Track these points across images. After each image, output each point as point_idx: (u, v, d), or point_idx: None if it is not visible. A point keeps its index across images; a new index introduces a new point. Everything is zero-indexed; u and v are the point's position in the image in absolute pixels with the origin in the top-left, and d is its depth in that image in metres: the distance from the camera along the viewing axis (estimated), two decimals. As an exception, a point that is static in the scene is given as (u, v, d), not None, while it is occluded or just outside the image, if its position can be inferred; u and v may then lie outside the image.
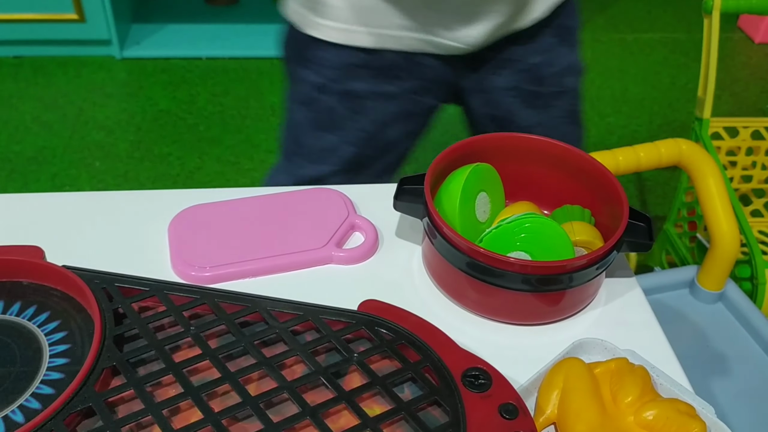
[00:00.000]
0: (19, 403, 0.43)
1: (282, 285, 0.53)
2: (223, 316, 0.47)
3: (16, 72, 2.00)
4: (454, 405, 0.42)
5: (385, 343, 0.46)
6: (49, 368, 0.45)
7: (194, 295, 0.48)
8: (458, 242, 0.51)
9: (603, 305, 0.55)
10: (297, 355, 0.45)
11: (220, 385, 0.43)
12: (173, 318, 0.47)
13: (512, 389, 0.43)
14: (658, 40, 2.33)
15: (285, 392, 0.43)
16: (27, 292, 0.49)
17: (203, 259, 0.55)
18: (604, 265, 0.52)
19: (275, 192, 0.62)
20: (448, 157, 0.58)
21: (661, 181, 1.73)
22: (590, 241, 0.54)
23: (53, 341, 0.46)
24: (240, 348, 0.46)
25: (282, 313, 0.47)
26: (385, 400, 0.43)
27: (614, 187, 0.54)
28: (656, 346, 0.52)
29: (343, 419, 0.42)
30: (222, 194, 0.62)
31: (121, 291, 0.48)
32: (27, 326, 0.47)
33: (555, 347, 0.49)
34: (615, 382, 0.46)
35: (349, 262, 0.56)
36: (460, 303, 0.54)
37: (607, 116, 1.96)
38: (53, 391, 0.43)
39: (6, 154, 1.73)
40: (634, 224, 0.53)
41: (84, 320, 0.48)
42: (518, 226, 0.52)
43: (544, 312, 0.53)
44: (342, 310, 0.48)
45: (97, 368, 0.43)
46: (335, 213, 0.59)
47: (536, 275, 0.50)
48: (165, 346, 0.45)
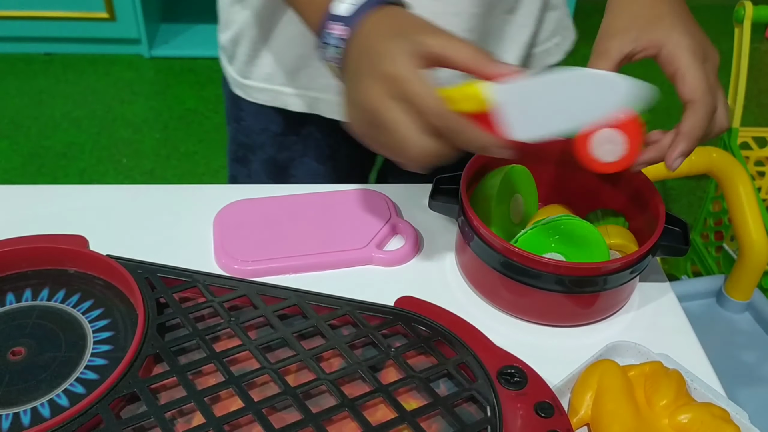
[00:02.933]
0: (64, 387, 0.44)
1: (321, 283, 0.54)
2: (263, 308, 0.48)
3: (46, 69, 2.04)
4: (490, 401, 0.42)
5: (421, 338, 0.46)
6: (93, 354, 0.46)
7: (234, 287, 0.49)
8: (494, 242, 0.51)
9: (636, 309, 0.55)
10: (335, 349, 0.46)
11: (259, 376, 0.44)
12: (213, 309, 0.48)
13: (548, 388, 0.43)
14: (684, 49, 2.32)
15: (323, 384, 0.43)
16: (71, 280, 0.51)
17: (246, 253, 0.56)
18: (639, 268, 0.52)
19: (319, 191, 0.63)
20: (483, 157, 0.58)
21: (686, 190, 1.72)
22: (625, 244, 0.54)
23: (97, 328, 0.48)
24: (279, 340, 0.46)
25: (320, 307, 0.48)
26: (421, 395, 0.44)
27: (650, 190, 0.55)
28: (690, 350, 0.52)
29: (380, 412, 0.43)
30: (267, 190, 0.63)
31: (163, 281, 0.49)
32: (72, 313, 0.48)
33: (588, 349, 0.50)
34: (649, 385, 0.46)
35: (389, 264, 0.57)
36: (494, 303, 0.55)
37: (632, 124, 1.95)
38: (97, 376, 0.44)
39: (36, 149, 1.76)
40: (670, 229, 0.53)
41: (126, 309, 0.49)
42: (554, 227, 0.52)
43: (577, 314, 0.53)
44: (379, 305, 0.48)
45: (141, 355, 0.44)
46: (377, 214, 0.60)
47: (570, 276, 0.50)
48: (206, 336, 0.46)
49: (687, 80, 0.49)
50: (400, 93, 0.44)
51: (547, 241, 0.52)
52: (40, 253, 0.51)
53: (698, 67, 0.49)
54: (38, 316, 0.48)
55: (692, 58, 0.49)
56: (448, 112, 0.44)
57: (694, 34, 0.51)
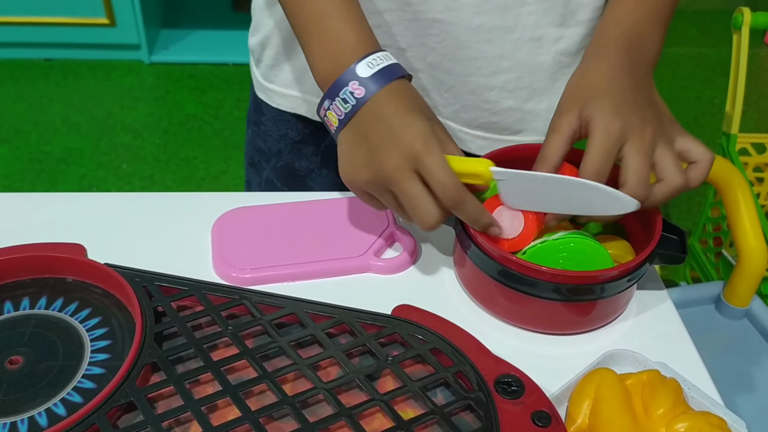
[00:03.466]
0: (61, 397, 0.44)
1: (319, 290, 0.54)
2: (260, 317, 0.48)
3: (46, 74, 2.04)
4: (487, 411, 0.42)
5: (418, 347, 0.46)
6: (91, 363, 0.46)
7: (232, 295, 0.49)
8: (491, 251, 0.51)
9: (634, 317, 0.55)
10: (332, 357, 0.46)
11: (257, 384, 0.44)
12: (211, 317, 0.48)
13: (545, 397, 0.43)
14: (683, 54, 2.32)
15: (321, 393, 0.43)
16: (69, 289, 0.51)
17: (244, 261, 0.56)
18: (636, 277, 0.52)
19: (318, 198, 0.63)
20: (480, 166, 0.58)
21: (684, 196, 1.72)
22: (622, 255, 0.54)
23: (94, 337, 0.48)
24: (276, 348, 0.46)
25: (318, 316, 0.48)
26: (419, 404, 0.44)
27: (647, 199, 0.55)
28: (687, 359, 0.52)
29: (377, 421, 0.43)
30: (265, 198, 0.63)
31: (161, 290, 0.49)
32: (69, 322, 0.48)
33: (585, 358, 0.50)
34: (647, 394, 0.46)
35: (387, 272, 0.57)
36: (491, 311, 0.55)
37: (631, 130, 1.95)
38: (95, 385, 0.44)
39: (36, 154, 1.77)
40: (667, 236, 0.53)
41: (124, 317, 0.49)
42: (563, 244, 0.52)
43: (574, 322, 0.53)
44: (377, 314, 0.48)
45: (138, 364, 0.44)
46: (375, 222, 0.60)
47: (568, 285, 0.50)
48: (203, 345, 0.46)
49: (585, 159, 0.49)
50: (419, 166, 0.48)
51: (556, 257, 0.52)
52: (37, 261, 0.51)
53: (598, 149, 0.49)
54: (36, 324, 0.48)
55: (601, 137, 0.49)
56: (461, 189, 0.48)
57: (621, 111, 0.49)
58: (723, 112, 1.22)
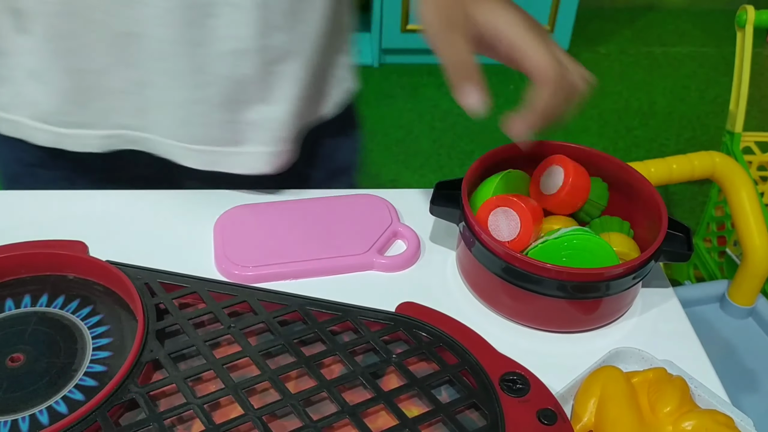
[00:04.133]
0: (62, 395, 0.43)
1: (322, 288, 0.54)
2: (263, 314, 0.48)
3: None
4: (492, 409, 0.42)
5: (423, 345, 0.46)
6: (92, 361, 0.46)
7: (234, 293, 0.49)
8: (495, 247, 0.51)
9: (639, 315, 0.55)
10: (335, 355, 0.46)
11: (259, 382, 0.44)
12: (213, 315, 0.48)
13: (551, 395, 0.43)
14: (686, 54, 2.32)
15: (324, 391, 0.43)
16: (70, 286, 0.50)
17: (247, 259, 0.55)
18: (642, 274, 0.52)
19: (320, 196, 0.63)
20: (484, 163, 0.58)
21: (688, 195, 1.71)
22: (627, 252, 0.54)
23: (96, 334, 0.47)
24: (279, 346, 0.46)
25: (321, 313, 0.48)
26: (423, 402, 0.44)
27: (652, 196, 0.54)
28: (693, 357, 0.51)
29: (381, 420, 0.43)
30: (267, 196, 0.63)
31: (163, 287, 0.49)
32: (71, 319, 0.48)
33: (590, 356, 0.49)
34: (653, 392, 0.46)
35: (390, 270, 0.57)
36: (495, 309, 0.54)
37: (634, 129, 1.95)
38: (96, 383, 0.44)
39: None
40: (673, 234, 0.53)
41: (126, 315, 0.48)
42: (566, 241, 0.52)
43: (579, 320, 0.53)
44: (380, 311, 0.48)
45: (140, 362, 0.44)
46: (379, 219, 0.60)
47: (572, 282, 0.50)
48: (206, 342, 0.46)
49: (532, 58, 0.48)
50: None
51: (559, 254, 0.51)
52: (39, 258, 0.50)
53: (539, 42, 0.48)
54: (37, 322, 0.48)
55: (528, 33, 0.48)
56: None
57: (515, 7, 0.49)
58: (726, 111, 1.21)
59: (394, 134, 1.91)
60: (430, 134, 1.92)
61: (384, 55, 2.13)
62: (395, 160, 1.84)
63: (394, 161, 1.83)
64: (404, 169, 1.81)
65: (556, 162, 0.56)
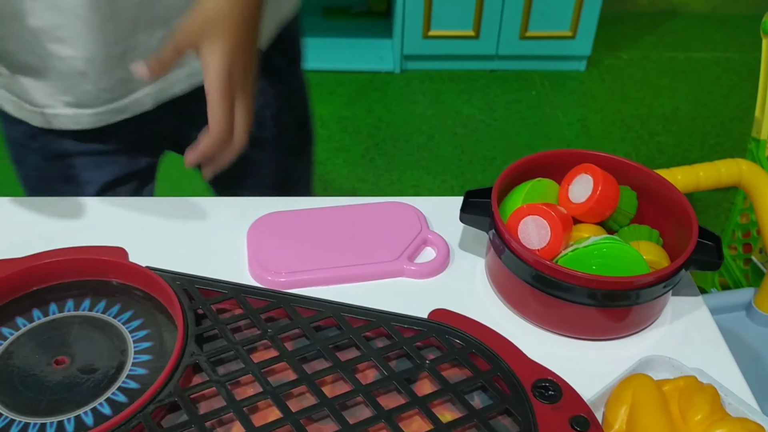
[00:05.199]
0: (106, 396, 0.45)
1: (353, 294, 0.55)
2: (298, 320, 0.49)
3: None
4: (525, 415, 0.43)
5: (455, 351, 0.47)
6: (134, 364, 0.47)
7: (270, 298, 0.50)
8: (525, 255, 0.52)
9: (669, 323, 0.55)
10: (369, 360, 0.46)
11: (296, 386, 0.45)
12: (250, 320, 0.49)
13: (583, 401, 0.44)
14: (710, 59, 2.30)
15: (359, 395, 0.44)
16: (112, 291, 0.52)
17: (279, 265, 0.57)
18: (672, 283, 0.52)
19: (351, 204, 0.64)
20: (513, 172, 0.59)
21: (713, 202, 1.70)
22: (657, 261, 0.54)
23: (137, 338, 0.49)
24: (314, 351, 0.47)
25: (355, 319, 0.49)
26: (456, 408, 0.44)
27: (683, 205, 0.55)
28: (723, 365, 0.52)
29: (415, 424, 0.44)
30: (299, 203, 0.64)
31: (201, 292, 0.50)
32: (113, 323, 0.50)
33: (620, 363, 0.50)
34: (684, 400, 0.46)
35: (420, 276, 0.58)
36: (525, 316, 0.55)
37: (657, 135, 1.94)
38: (138, 385, 0.45)
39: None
40: (703, 243, 0.53)
41: (165, 319, 0.50)
42: (596, 249, 0.52)
43: (609, 328, 0.53)
44: (413, 318, 0.49)
45: (181, 365, 0.45)
46: (408, 227, 0.61)
47: (602, 290, 0.50)
48: (243, 347, 0.47)
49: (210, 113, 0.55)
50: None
51: (588, 263, 0.52)
52: (81, 264, 0.52)
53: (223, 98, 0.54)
54: (81, 325, 0.49)
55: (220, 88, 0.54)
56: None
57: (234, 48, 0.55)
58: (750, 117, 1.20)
59: (415, 140, 1.92)
60: (452, 140, 1.92)
61: (406, 61, 2.14)
62: (417, 165, 1.84)
63: (416, 167, 1.84)
64: (426, 174, 1.82)
65: (585, 171, 0.57)
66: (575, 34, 2.07)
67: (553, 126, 1.96)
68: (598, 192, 0.55)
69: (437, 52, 2.11)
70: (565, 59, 2.15)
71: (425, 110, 2.05)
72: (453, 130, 1.97)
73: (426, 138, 1.94)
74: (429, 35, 2.07)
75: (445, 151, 1.90)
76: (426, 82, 2.16)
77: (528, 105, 2.04)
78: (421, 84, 2.16)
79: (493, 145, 1.89)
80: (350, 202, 0.64)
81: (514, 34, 2.05)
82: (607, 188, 0.55)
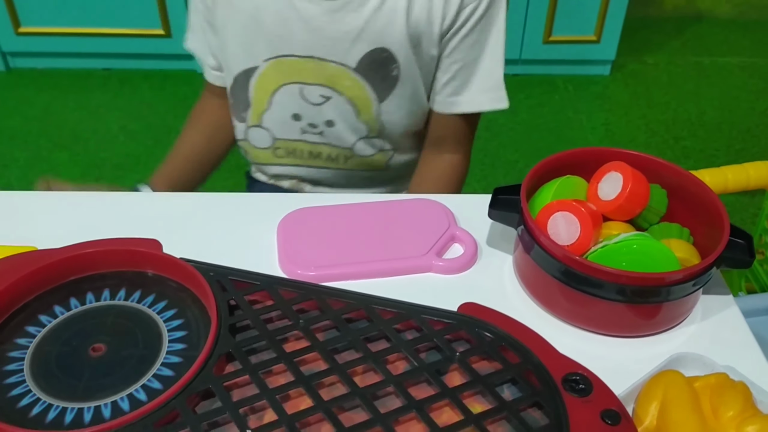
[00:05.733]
0: (142, 383, 0.46)
1: (382, 289, 0.55)
2: (330, 311, 0.49)
3: (104, 83, 2.11)
4: (555, 408, 0.43)
5: (485, 344, 0.47)
6: (169, 352, 0.48)
7: (302, 290, 0.51)
8: (554, 250, 0.52)
9: (699, 322, 0.55)
10: (400, 352, 0.47)
11: (328, 376, 0.45)
12: (281, 312, 0.50)
13: (614, 395, 0.44)
14: (736, 64, 2.28)
15: (390, 386, 0.44)
16: (147, 282, 0.53)
17: (309, 260, 0.57)
18: (703, 281, 0.52)
19: (380, 200, 0.65)
20: (541, 169, 0.59)
21: (739, 206, 1.68)
22: (687, 258, 0.54)
23: (171, 328, 0.50)
24: (345, 342, 0.48)
25: (385, 311, 0.49)
26: (486, 400, 0.45)
27: (714, 203, 0.54)
28: (754, 364, 0.51)
29: (445, 415, 0.44)
30: (328, 199, 0.65)
31: (234, 284, 0.51)
32: (147, 313, 0.51)
33: (650, 360, 0.49)
34: (716, 397, 0.46)
35: (448, 272, 0.58)
36: (553, 312, 0.55)
37: (682, 140, 1.92)
38: (173, 373, 0.46)
39: (94, 160, 1.83)
40: (734, 241, 0.53)
41: (198, 310, 0.51)
42: (626, 246, 0.52)
43: (639, 325, 0.53)
44: (443, 311, 0.49)
45: (215, 354, 0.46)
46: (437, 223, 0.61)
47: (632, 286, 0.50)
48: (276, 337, 0.47)
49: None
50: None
51: (618, 260, 0.52)
52: (118, 255, 0.53)
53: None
54: (116, 315, 0.50)
55: None
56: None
57: None
58: (780, 122, 1.19)
59: (438, 143, 1.93)
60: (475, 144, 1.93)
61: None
62: (440, 169, 1.85)
63: (439, 170, 1.84)
64: (448, 178, 1.82)
65: (615, 168, 0.57)
66: (600, 38, 2.06)
67: (577, 130, 1.95)
68: (628, 189, 0.55)
69: (461, 56, 2.11)
70: (590, 63, 2.14)
71: (448, 114, 2.05)
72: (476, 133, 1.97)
73: (449, 141, 1.94)
74: (452, 39, 2.08)
75: (468, 154, 1.90)
76: (449, 86, 2.17)
77: (551, 109, 2.03)
78: (444, 88, 2.16)
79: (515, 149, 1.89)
80: (378, 199, 0.65)
81: (537, 39, 2.04)
82: (637, 186, 0.55)
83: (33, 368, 0.47)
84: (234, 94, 0.82)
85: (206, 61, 0.84)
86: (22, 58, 2.13)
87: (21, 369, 0.47)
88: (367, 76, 0.75)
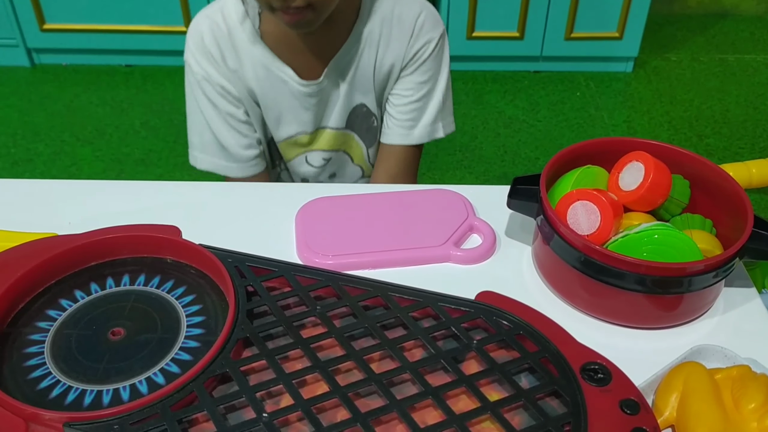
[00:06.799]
0: (160, 366, 0.46)
1: (399, 278, 0.55)
2: (347, 298, 0.49)
3: (127, 80, 2.13)
4: (573, 396, 0.42)
5: (503, 332, 0.47)
6: (187, 337, 0.48)
7: (319, 277, 0.51)
8: (574, 240, 0.51)
9: (721, 314, 0.54)
10: (417, 339, 0.47)
11: (344, 362, 0.45)
12: (299, 298, 0.50)
13: (633, 385, 0.43)
14: (761, 61, 2.24)
15: (407, 372, 0.44)
16: (166, 268, 0.53)
17: (327, 248, 0.57)
18: (725, 272, 0.51)
19: (397, 189, 0.64)
20: (562, 158, 0.58)
21: (763, 204, 1.66)
22: (710, 249, 0.53)
23: (189, 313, 0.50)
24: (362, 329, 0.48)
25: (402, 299, 0.49)
26: (503, 388, 0.44)
27: (738, 194, 0.54)
28: (778, 357, 0.50)
29: (462, 402, 0.44)
30: (346, 189, 0.65)
31: (252, 270, 0.51)
32: (166, 298, 0.51)
33: (670, 353, 0.49)
34: (737, 389, 0.45)
35: (466, 262, 0.58)
36: (573, 303, 0.54)
37: (706, 137, 1.90)
38: (191, 357, 0.47)
39: (117, 155, 1.85)
40: (758, 232, 0.52)
41: (217, 296, 0.51)
42: (648, 236, 0.51)
43: (659, 316, 0.52)
44: (460, 299, 0.49)
45: (232, 338, 0.46)
46: (455, 213, 0.61)
47: (653, 276, 0.50)
48: (293, 323, 0.48)
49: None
50: None
51: (639, 249, 0.51)
52: (138, 241, 0.53)
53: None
54: (136, 299, 0.51)
55: None
56: None
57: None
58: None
59: (458, 140, 1.92)
60: (495, 141, 1.92)
61: (450, 62, 2.15)
62: (459, 165, 1.84)
63: (458, 167, 1.83)
64: (468, 174, 1.81)
65: (637, 158, 0.56)
66: (622, 35, 2.04)
67: (598, 127, 1.94)
68: (650, 180, 0.54)
69: (481, 53, 2.10)
70: (612, 60, 2.12)
71: (468, 110, 2.04)
72: (496, 130, 1.96)
73: (469, 138, 1.93)
74: (473, 36, 2.07)
75: (488, 151, 1.89)
76: (469, 83, 2.15)
77: (572, 106, 2.01)
78: (465, 85, 2.15)
79: (536, 146, 1.88)
80: (397, 189, 0.65)
81: (559, 35, 2.03)
82: (658, 176, 0.55)
83: (53, 351, 0.47)
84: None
85: (240, 156, 0.79)
86: (47, 54, 2.16)
87: (42, 351, 0.47)
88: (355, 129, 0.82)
